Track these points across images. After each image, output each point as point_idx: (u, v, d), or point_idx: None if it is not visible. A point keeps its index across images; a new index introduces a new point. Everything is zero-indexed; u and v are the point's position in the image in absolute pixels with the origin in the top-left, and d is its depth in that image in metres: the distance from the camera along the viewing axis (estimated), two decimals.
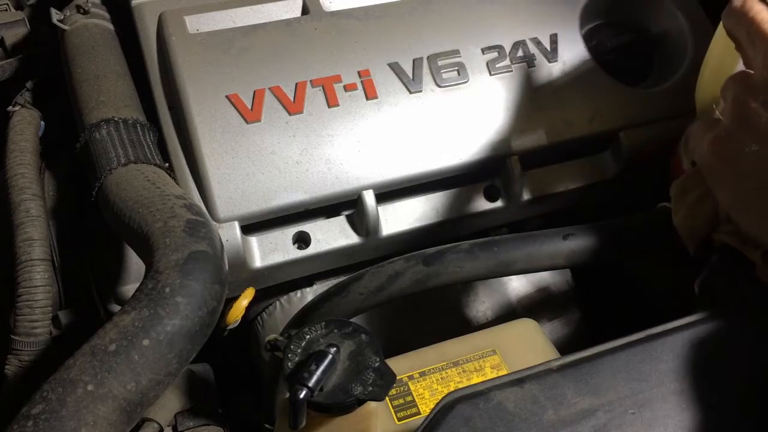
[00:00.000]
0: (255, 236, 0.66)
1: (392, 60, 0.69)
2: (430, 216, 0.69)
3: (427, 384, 0.54)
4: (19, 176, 0.70)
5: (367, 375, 0.44)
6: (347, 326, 0.47)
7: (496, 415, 0.43)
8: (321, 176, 0.65)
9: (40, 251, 0.65)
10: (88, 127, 0.64)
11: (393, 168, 0.66)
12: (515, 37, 0.72)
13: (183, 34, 0.68)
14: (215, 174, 0.63)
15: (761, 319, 0.48)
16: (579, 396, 0.44)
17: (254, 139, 0.65)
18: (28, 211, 0.67)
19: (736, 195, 0.47)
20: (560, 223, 0.65)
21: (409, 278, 0.59)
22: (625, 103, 0.72)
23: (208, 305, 0.49)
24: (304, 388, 0.42)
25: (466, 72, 0.70)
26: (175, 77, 0.66)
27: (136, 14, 0.71)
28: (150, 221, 0.53)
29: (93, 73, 0.69)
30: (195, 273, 0.49)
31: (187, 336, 0.47)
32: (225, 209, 0.63)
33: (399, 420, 0.52)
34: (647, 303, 0.81)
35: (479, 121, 0.69)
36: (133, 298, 0.47)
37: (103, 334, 0.45)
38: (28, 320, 0.63)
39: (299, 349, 0.46)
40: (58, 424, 0.41)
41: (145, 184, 0.58)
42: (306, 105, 0.66)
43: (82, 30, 0.74)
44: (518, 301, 0.73)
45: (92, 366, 0.43)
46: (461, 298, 0.72)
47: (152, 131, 0.67)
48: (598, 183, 0.73)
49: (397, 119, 0.67)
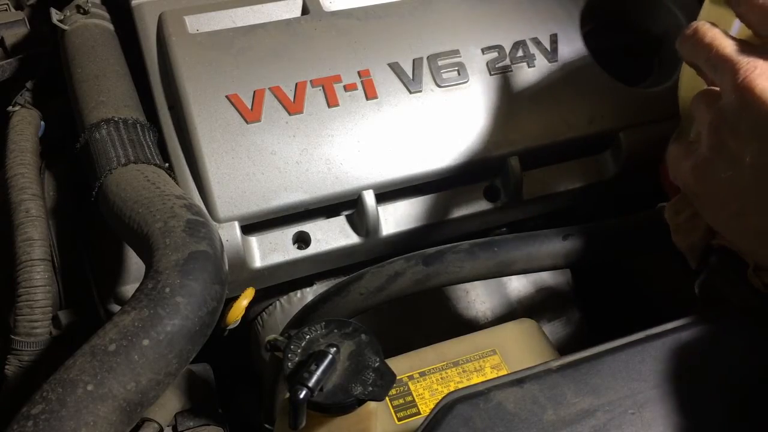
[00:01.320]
0: (255, 236, 0.66)
1: (392, 60, 0.69)
2: (430, 216, 0.69)
3: (427, 384, 0.54)
4: (19, 176, 0.70)
5: (367, 375, 0.44)
6: (347, 326, 0.47)
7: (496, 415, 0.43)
8: (321, 176, 0.65)
9: (40, 251, 0.65)
10: (88, 127, 0.64)
11: (393, 168, 0.66)
12: (515, 37, 0.72)
13: (183, 34, 0.68)
14: (215, 174, 0.63)
15: (759, 321, 0.48)
16: (579, 396, 0.44)
17: (254, 139, 0.65)
18: (28, 211, 0.67)
19: (718, 219, 0.48)
20: (560, 223, 0.65)
21: (409, 278, 0.59)
22: (625, 103, 0.72)
23: (208, 305, 0.49)
24: (304, 388, 0.42)
25: (466, 72, 0.70)
26: (175, 77, 0.66)
27: (136, 14, 0.71)
28: (150, 221, 0.53)
29: (93, 73, 0.69)
30: (195, 273, 0.49)
31: (187, 336, 0.47)
32: (225, 209, 0.63)
33: (399, 420, 0.52)
34: (647, 303, 0.81)
35: (479, 121, 0.69)
36: (133, 298, 0.48)
37: (103, 334, 0.45)
38: (28, 320, 0.63)
39: (299, 349, 0.46)
40: (58, 424, 0.41)
41: (145, 184, 0.58)
42: (306, 105, 0.66)
43: (82, 30, 0.74)
44: (518, 301, 0.73)
45: (92, 366, 0.43)
46: (461, 298, 0.72)
47: (152, 131, 0.67)
48: (598, 183, 0.73)
49: (397, 119, 0.67)
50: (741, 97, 0.43)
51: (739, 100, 0.44)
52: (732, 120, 0.44)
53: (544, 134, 0.70)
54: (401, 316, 0.71)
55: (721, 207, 0.47)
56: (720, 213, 0.47)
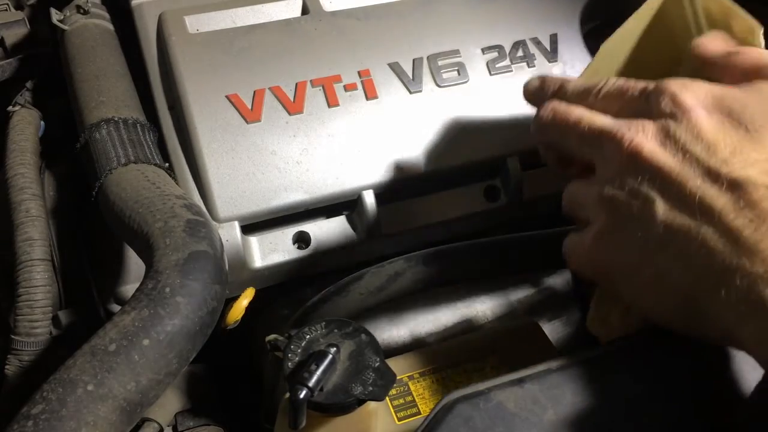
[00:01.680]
0: (255, 236, 0.66)
1: (392, 60, 0.69)
2: (430, 216, 0.69)
3: (427, 384, 0.54)
4: (19, 176, 0.70)
5: (367, 375, 0.44)
6: (347, 326, 0.47)
7: (496, 415, 0.43)
8: (321, 176, 0.65)
9: (40, 251, 0.65)
10: (88, 127, 0.64)
11: (393, 168, 0.66)
12: (515, 37, 0.72)
13: (183, 34, 0.68)
14: (215, 174, 0.63)
15: None
16: (579, 396, 0.44)
17: (254, 139, 0.65)
18: (28, 211, 0.67)
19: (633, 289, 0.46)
20: (560, 223, 0.65)
21: (409, 278, 0.59)
22: None
23: (208, 305, 0.49)
24: (304, 388, 0.42)
25: (466, 72, 0.70)
26: (175, 77, 0.66)
27: (136, 14, 0.71)
28: (150, 221, 0.53)
29: (93, 73, 0.69)
30: (195, 273, 0.49)
31: (187, 336, 0.47)
32: (225, 209, 0.63)
33: (399, 420, 0.52)
34: None
35: (479, 120, 0.69)
36: (133, 298, 0.48)
37: (103, 334, 0.45)
38: (28, 320, 0.63)
39: (299, 349, 0.46)
40: (58, 424, 0.41)
41: (145, 184, 0.58)
42: (306, 105, 0.66)
43: (82, 30, 0.74)
44: (518, 301, 0.73)
45: (92, 366, 0.43)
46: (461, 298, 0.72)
47: (152, 131, 0.67)
48: None
49: (397, 119, 0.67)
50: (631, 161, 0.44)
51: (629, 165, 0.44)
52: (628, 186, 0.44)
53: None
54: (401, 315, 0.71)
55: (634, 277, 0.46)
56: (633, 283, 0.46)
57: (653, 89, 0.46)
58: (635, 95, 0.47)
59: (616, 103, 0.48)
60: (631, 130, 0.45)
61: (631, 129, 0.45)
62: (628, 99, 0.47)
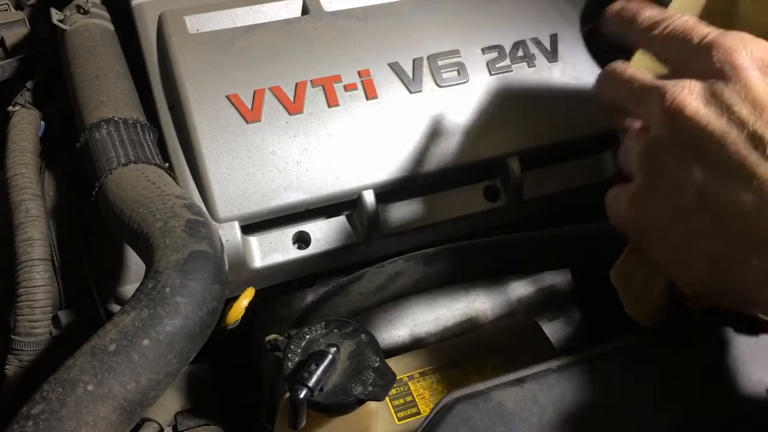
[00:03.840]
0: (255, 236, 0.66)
1: (392, 60, 0.69)
2: (430, 216, 0.69)
3: (427, 384, 0.54)
4: (19, 176, 0.70)
5: (367, 375, 0.44)
6: (347, 326, 0.47)
7: (496, 415, 0.43)
8: (321, 176, 0.65)
9: (40, 251, 0.65)
10: (88, 127, 0.64)
11: (393, 168, 0.66)
12: (515, 37, 0.72)
13: (183, 34, 0.68)
14: (215, 174, 0.63)
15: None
16: (579, 396, 0.44)
17: (254, 139, 0.65)
18: (28, 211, 0.67)
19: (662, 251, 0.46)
20: (560, 223, 0.65)
21: (409, 278, 0.59)
22: None
23: (208, 305, 0.49)
24: (304, 388, 0.42)
25: (466, 72, 0.70)
26: (175, 77, 0.66)
27: (136, 14, 0.71)
28: (150, 221, 0.53)
29: (93, 73, 0.69)
30: (195, 273, 0.49)
31: (187, 336, 0.47)
32: (225, 209, 0.63)
33: (399, 420, 0.52)
34: None
35: (479, 120, 0.69)
36: (133, 298, 0.48)
37: (103, 334, 0.45)
38: (28, 320, 0.63)
39: (299, 349, 0.46)
40: (58, 424, 0.41)
41: (145, 184, 0.58)
42: (306, 105, 0.66)
43: (82, 30, 0.74)
44: (518, 301, 0.73)
45: (92, 366, 0.43)
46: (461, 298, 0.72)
47: (152, 131, 0.67)
48: (598, 183, 0.73)
49: (397, 119, 0.67)
50: (672, 120, 0.43)
51: (670, 124, 0.43)
52: (668, 146, 0.43)
53: (544, 134, 0.70)
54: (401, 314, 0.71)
55: (665, 237, 0.45)
56: (664, 244, 0.45)
57: (710, 41, 0.44)
58: (693, 43, 0.45)
59: (674, 45, 0.46)
60: (676, 87, 0.43)
61: (677, 87, 0.43)
62: (686, 45, 0.45)
